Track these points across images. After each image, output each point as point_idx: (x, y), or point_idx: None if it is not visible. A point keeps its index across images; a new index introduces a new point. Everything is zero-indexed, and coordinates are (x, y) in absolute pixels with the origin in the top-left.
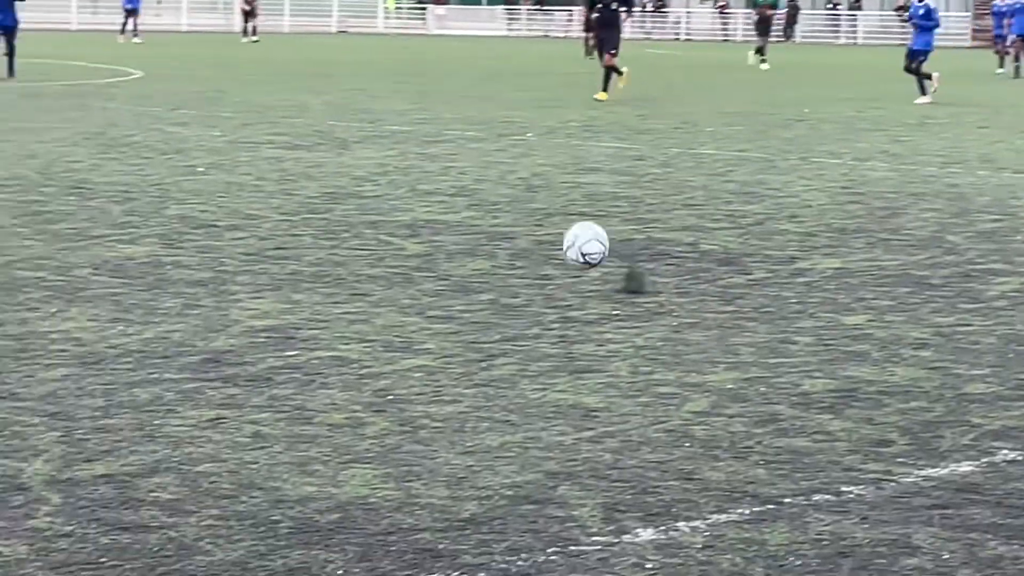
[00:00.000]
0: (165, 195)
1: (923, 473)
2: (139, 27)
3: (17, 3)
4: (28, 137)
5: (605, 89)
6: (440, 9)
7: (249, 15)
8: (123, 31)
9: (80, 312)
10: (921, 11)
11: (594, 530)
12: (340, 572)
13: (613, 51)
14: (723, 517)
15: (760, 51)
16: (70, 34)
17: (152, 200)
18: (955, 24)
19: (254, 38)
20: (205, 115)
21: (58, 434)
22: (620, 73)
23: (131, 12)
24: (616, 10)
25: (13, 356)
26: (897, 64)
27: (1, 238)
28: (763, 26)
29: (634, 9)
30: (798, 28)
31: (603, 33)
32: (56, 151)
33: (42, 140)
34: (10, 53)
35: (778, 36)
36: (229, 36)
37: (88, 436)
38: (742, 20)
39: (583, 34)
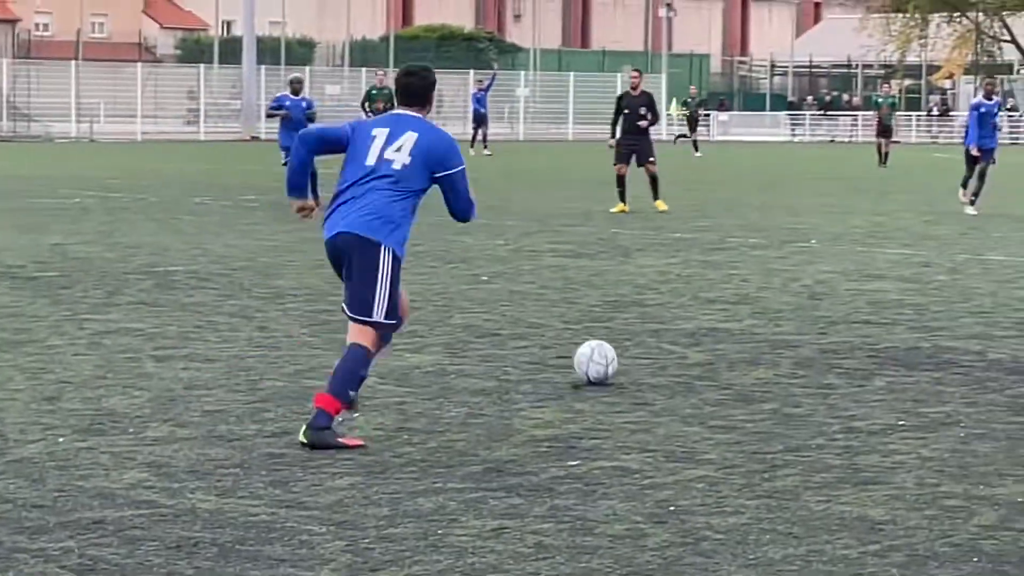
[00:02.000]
0: (450, 304)
1: None
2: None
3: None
4: (318, 248)
5: (657, 197)
6: (723, 115)
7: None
8: (473, 143)
9: (366, 421)
10: None
11: None
12: None
13: (652, 160)
14: None
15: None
16: None
17: (437, 309)
18: None
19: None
20: (490, 223)
21: (344, 543)
22: (656, 197)
23: (480, 121)
24: (645, 115)
25: (301, 465)
26: None
27: (291, 348)
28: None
29: (658, 117)
30: None
31: (633, 140)
32: None
33: None
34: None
35: None
36: (511, 144)
37: (373, 545)
38: None
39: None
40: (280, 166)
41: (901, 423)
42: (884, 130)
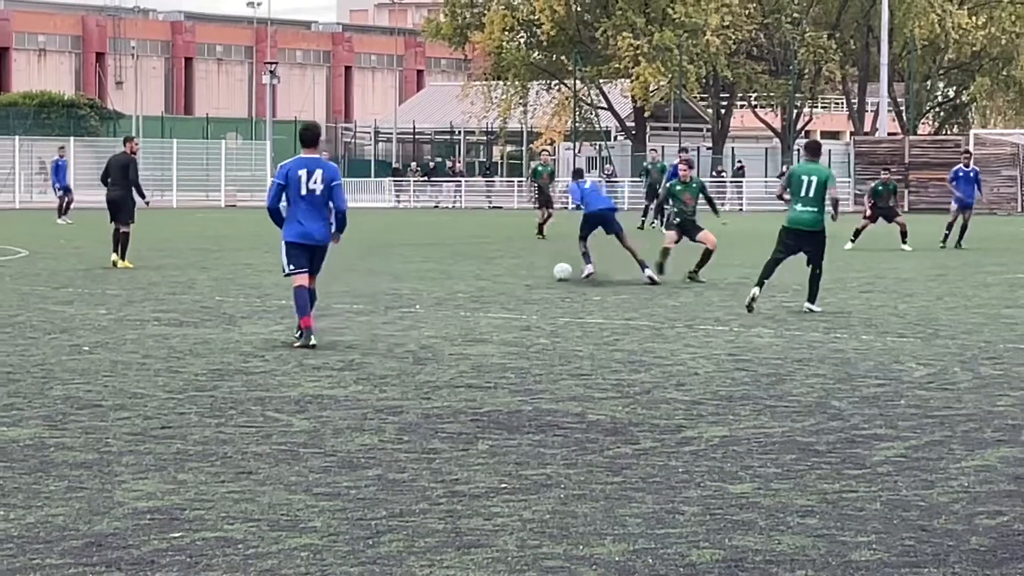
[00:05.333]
0: (49, 375)
1: None
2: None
3: None
4: None
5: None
6: None
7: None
8: (61, 213)
9: None
10: None
11: None
12: None
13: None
14: None
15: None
16: None
17: (36, 381)
18: None
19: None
20: (91, 293)
21: None
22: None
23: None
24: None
25: None
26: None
27: None
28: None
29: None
30: None
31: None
32: None
33: None
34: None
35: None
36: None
37: None
38: (628, 189)
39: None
40: None
41: (503, 486)
42: (545, 200)
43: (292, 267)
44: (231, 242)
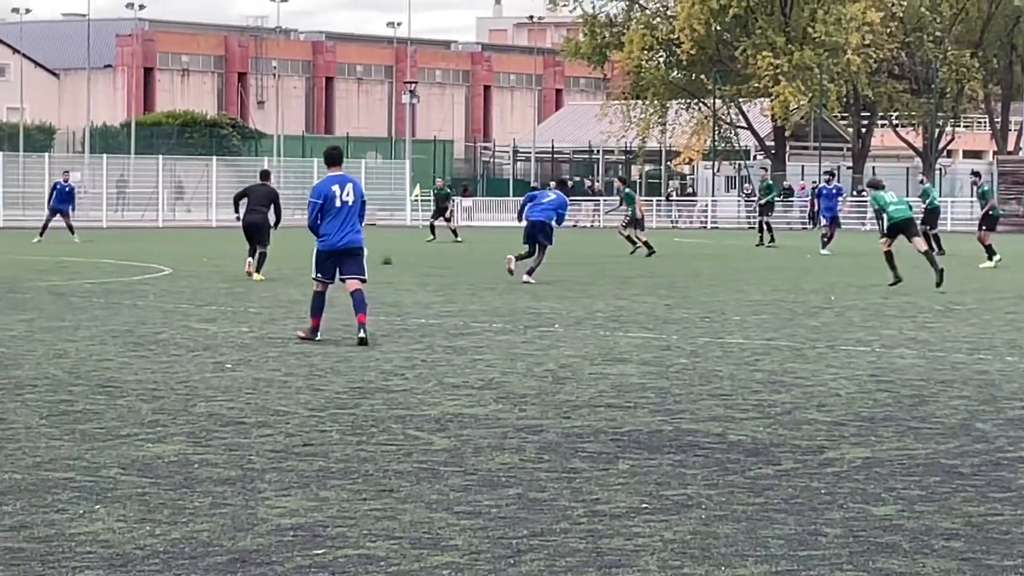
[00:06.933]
0: (193, 392)
1: None
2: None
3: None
4: (57, 336)
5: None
6: (467, 201)
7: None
8: (43, 233)
9: (108, 513)
10: None
11: None
12: None
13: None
14: None
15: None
16: (99, 231)
17: (180, 398)
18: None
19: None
20: (233, 311)
21: None
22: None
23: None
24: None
25: (40, 559)
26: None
27: (30, 439)
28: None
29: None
30: None
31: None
32: (85, 350)
33: (71, 339)
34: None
35: (804, 223)
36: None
37: None
38: None
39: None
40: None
41: (644, 506)
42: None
43: (319, 275)
44: (369, 261)
